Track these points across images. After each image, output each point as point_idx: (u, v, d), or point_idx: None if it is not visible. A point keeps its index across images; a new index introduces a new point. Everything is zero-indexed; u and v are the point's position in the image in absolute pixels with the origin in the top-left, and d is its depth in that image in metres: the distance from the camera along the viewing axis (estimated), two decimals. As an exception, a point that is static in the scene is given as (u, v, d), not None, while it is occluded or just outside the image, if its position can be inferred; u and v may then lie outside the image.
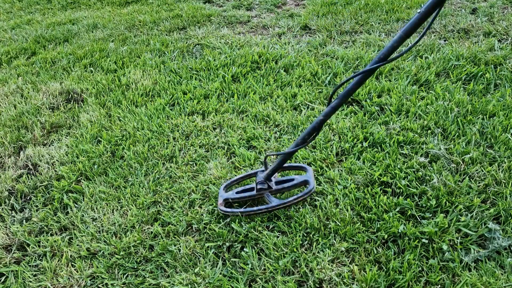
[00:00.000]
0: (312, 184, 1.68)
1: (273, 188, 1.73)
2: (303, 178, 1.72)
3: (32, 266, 1.65)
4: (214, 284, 1.47)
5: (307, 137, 1.53)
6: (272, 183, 1.73)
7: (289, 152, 1.58)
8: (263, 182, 1.70)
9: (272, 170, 1.68)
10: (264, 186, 1.70)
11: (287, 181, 1.75)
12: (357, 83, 1.39)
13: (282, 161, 1.65)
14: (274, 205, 1.67)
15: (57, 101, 2.76)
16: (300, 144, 1.55)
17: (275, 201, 1.68)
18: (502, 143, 1.91)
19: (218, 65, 2.96)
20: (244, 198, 1.74)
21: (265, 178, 1.70)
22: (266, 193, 1.72)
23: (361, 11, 3.63)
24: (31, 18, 4.85)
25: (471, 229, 1.54)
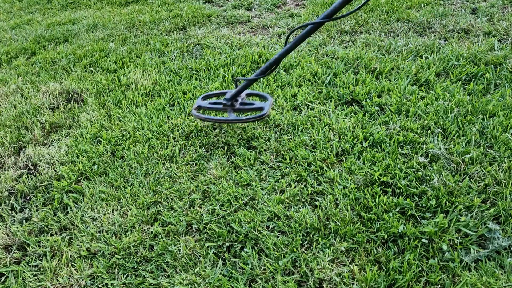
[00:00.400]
0: (264, 110, 2.00)
1: (235, 106, 2.08)
2: (261, 105, 2.05)
3: (32, 266, 1.65)
4: (214, 284, 1.47)
5: (265, 70, 1.87)
6: (238, 102, 2.08)
7: (251, 79, 1.94)
8: (228, 100, 2.06)
9: (237, 91, 2.03)
10: (227, 103, 2.06)
11: (249, 104, 2.10)
12: (307, 33, 1.69)
13: (245, 86, 1.99)
14: (230, 118, 2.05)
15: (57, 101, 2.76)
16: (259, 75, 1.90)
17: (233, 116, 2.05)
18: (502, 143, 1.91)
19: (218, 65, 2.96)
20: (213, 108, 2.14)
21: (230, 97, 2.05)
22: (229, 109, 2.07)
23: (361, 11, 3.63)
24: (31, 18, 4.85)
25: (471, 229, 1.54)
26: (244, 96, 2.14)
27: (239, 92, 2.04)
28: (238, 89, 2.02)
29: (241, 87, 2.01)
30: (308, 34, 1.69)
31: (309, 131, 2.15)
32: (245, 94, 2.16)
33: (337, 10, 1.53)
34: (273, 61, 1.83)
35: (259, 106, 2.05)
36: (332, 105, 2.34)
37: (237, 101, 2.09)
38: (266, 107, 2.02)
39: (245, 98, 2.15)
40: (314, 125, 2.19)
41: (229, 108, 2.08)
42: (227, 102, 2.07)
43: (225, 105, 2.08)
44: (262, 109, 2.03)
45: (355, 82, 2.53)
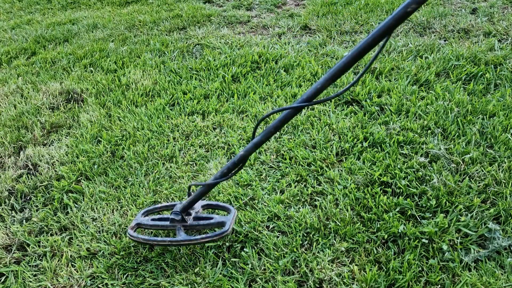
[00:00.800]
0: (226, 227, 1.53)
1: (188, 222, 1.58)
2: (222, 219, 1.58)
3: (32, 266, 1.65)
4: (214, 284, 1.47)
5: (226, 172, 1.43)
6: (190, 217, 1.60)
7: (209, 184, 1.47)
8: (178, 213, 1.56)
9: (189, 202, 1.55)
10: (177, 218, 1.57)
11: (206, 219, 1.61)
12: (282, 120, 1.29)
13: (200, 193, 1.51)
14: (179, 239, 1.54)
15: (57, 101, 2.76)
16: (219, 178, 1.45)
17: (183, 236, 1.55)
18: (502, 143, 1.91)
19: (218, 65, 2.96)
20: (157, 226, 1.63)
21: (180, 210, 1.56)
22: (179, 226, 1.58)
23: (361, 11, 3.64)
24: (31, 18, 4.85)
25: (471, 229, 1.54)
26: (200, 209, 1.67)
27: (192, 203, 1.56)
28: (190, 198, 1.54)
29: (195, 196, 1.53)
30: (284, 121, 1.29)
31: (309, 131, 2.15)
32: (200, 206, 1.68)
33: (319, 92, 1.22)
34: (237, 160, 1.40)
35: (219, 220, 1.58)
36: (332, 105, 2.34)
37: (189, 215, 1.60)
38: (228, 221, 1.56)
39: (201, 211, 1.67)
40: (314, 125, 2.19)
41: (178, 225, 1.59)
42: (176, 217, 1.57)
43: (173, 220, 1.58)
44: (223, 224, 1.56)
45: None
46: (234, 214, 1.61)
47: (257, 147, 1.37)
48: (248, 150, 1.38)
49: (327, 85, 1.19)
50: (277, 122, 1.30)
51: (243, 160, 1.40)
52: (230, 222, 1.56)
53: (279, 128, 1.32)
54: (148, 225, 1.64)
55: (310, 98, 1.23)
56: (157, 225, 1.62)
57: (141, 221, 1.65)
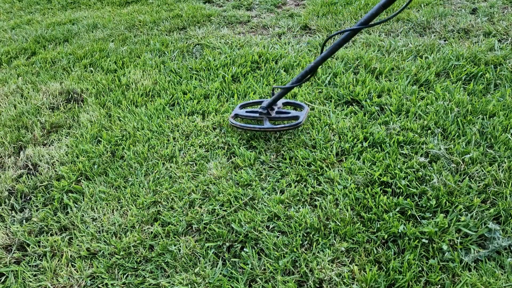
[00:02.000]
0: (300, 119, 2.03)
1: (271, 115, 2.11)
2: (297, 114, 2.08)
3: (32, 266, 1.65)
4: (214, 284, 1.47)
5: (301, 78, 1.89)
6: (274, 111, 2.11)
7: (287, 87, 1.96)
8: (264, 108, 2.09)
9: (272, 100, 2.07)
10: (264, 111, 2.10)
11: (284, 113, 2.12)
12: (343, 40, 1.68)
13: (280, 94, 2.04)
14: (265, 127, 2.06)
15: (57, 101, 2.76)
16: (295, 83, 1.91)
17: (268, 125, 2.07)
18: (502, 143, 1.91)
19: (218, 65, 2.96)
20: (249, 116, 2.17)
21: (266, 106, 2.09)
22: (265, 118, 2.10)
23: (361, 11, 3.64)
24: (31, 18, 4.85)
25: (471, 229, 1.54)
26: (281, 105, 2.18)
27: (275, 101, 2.08)
28: (273, 97, 2.07)
29: (277, 96, 2.05)
30: (344, 41, 1.68)
31: (309, 131, 2.15)
32: (281, 103, 2.20)
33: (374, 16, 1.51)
34: (308, 69, 1.83)
35: (295, 115, 2.09)
36: (332, 105, 2.34)
37: (273, 110, 2.12)
38: (301, 115, 2.05)
39: (282, 107, 2.19)
40: (314, 125, 2.19)
41: (265, 116, 2.11)
42: (263, 111, 2.10)
43: (261, 113, 2.12)
44: (297, 117, 2.06)
45: (355, 82, 2.53)
46: (307, 110, 2.13)
47: (324, 59, 1.78)
48: (317, 62, 1.80)
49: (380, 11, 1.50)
50: (339, 41, 1.69)
51: (312, 70, 1.84)
52: (303, 115, 2.06)
53: (341, 46, 1.71)
54: (243, 115, 2.20)
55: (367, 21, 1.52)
56: (249, 115, 2.18)
57: (238, 112, 2.21)
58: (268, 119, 2.10)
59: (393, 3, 1.57)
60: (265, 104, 2.09)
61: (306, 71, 1.84)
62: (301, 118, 2.03)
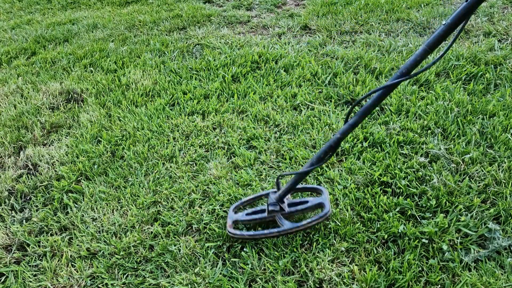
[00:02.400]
0: (327, 208, 1.57)
1: (286, 210, 1.61)
2: (318, 201, 1.62)
3: (32, 266, 1.65)
4: (214, 284, 1.47)
5: (323, 156, 1.43)
6: (285, 205, 1.62)
7: (304, 172, 1.48)
8: (275, 204, 1.59)
9: (285, 191, 1.58)
10: (276, 208, 1.59)
11: (301, 203, 1.64)
12: (377, 99, 1.30)
13: (296, 181, 1.54)
14: (286, 228, 1.56)
15: (57, 101, 2.76)
16: (315, 163, 1.45)
17: (288, 224, 1.58)
18: (502, 143, 1.91)
19: (218, 65, 2.96)
20: (255, 220, 1.64)
21: (277, 200, 1.60)
22: (278, 216, 1.61)
23: (361, 11, 3.64)
24: (31, 18, 4.85)
25: (471, 229, 1.54)
26: (288, 196, 1.68)
27: (287, 192, 1.59)
28: (286, 187, 1.58)
29: (290, 185, 1.56)
30: (378, 101, 1.31)
31: (309, 131, 2.15)
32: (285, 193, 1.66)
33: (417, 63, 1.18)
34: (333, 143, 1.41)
35: (316, 202, 1.62)
36: (332, 105, 2.34)
37: (283, 203, 1.62)
38: (325, 201, 1.61)
39: (289, 197, 1.71)
40: (314, 125, 2.19)
41: (278, 214, 1.62)
42: (275, 208, 1.60)
43: (271, 211, 1.61)
44: (321, 205, 1.61)
45: (355, 82, 2.53)
46: (327, 194, 1.65)
47: (352, 128, 1.38)
48: (344, 132, 1.38)
49: (426, 56, 1.17)
50: (372, 102, 1.32)
51: (338, 143, 1.40)
52: (328, 201, 1.60)
53: (374, 107, 1.33)
54: (246, 220, 1.64)
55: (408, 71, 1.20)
56: (255, 218, 1.64)
57: (236, 218, 1.65)
58: (282, 217, 1.62)
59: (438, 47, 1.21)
60: (273, 199, 1.60)
61: (330, 146, 1.41)
62: (327, 206, 1.59)
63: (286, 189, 1.57)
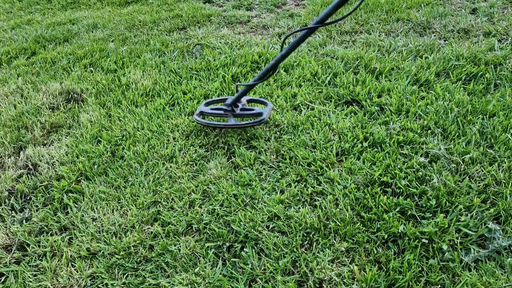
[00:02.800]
0: (263, 116, 2.07)
1: (236, 112, 2.14)
2: (260, 110, 2.11)
3: (32, 266, 1.65)
4: (214, 284, 1.47)
5: (262, 76, 1.95)
6: (238, 108, 2.15)
7: (250, 84, 2.03)
8: (229, 105, 2.13)
9: (237, 97, 2.11)
10: (228, 108, 2.13)
11: (248, 110, 2.15)
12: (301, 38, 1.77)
13: (244, 91, 2.08)
14: (230, 124, 2.11)
15: (57, 101, 2.76)
16: (257, 80, 1.98)
17: (233, 122, 2.11)
18: (502, 143, 1.91)
19: (218, 65, 2.96)
20: (214, 114, 2.20)
21: (231, 103, 2.12)
22: (230, 115, 2.14)
23: (361, 11, 3.64)
24: (31, 18, 4.85)
25: (471, 229, 1.54)
26: (245, 103, 2.21)
27: (239, 98, 2.12)
28: (237, 94, 2.10)
29: (241, 93, 2.09)
30: (302, 39, 1.78)
31: (309, 131, 2.15)
32: (245, 100, 2.23)
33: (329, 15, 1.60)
34: (270, 66, 1.91)
35: (259, 111, 2.12)
36: (332, 105, 2.34)
37: (237, 107, 2.16)
38: (265, 112, 2.09)
39: (246, 104, 2.21)
40: (314, 125, 2.19)
41: (229, 113, 2.15)
42: (228, 108, 2.14)
43: (225, 110, 2.15)
44: (261, 114, 2.10)
45: (355, 82, 2.53)
46: (270, 107, 2.16)
47: (284, 57, 1.87)
48: (277, 59, 1.88)
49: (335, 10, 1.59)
50: (297, 39, 1.79)
51: (274, 67, 1.92)
52: (267, 112, 2.11)
53: (299, 44, 1.80)
54: (208, 113, 2.22)
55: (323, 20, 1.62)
56: (214, 113, 2.20)
57: (204, 109, 2.24)
58: (233, 116, 2.15)
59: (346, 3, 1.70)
60: (229, 101, 2.13)
61: (267, 69, 1.92)
62: (264, 115, 2.08)
63: (237, 95, 2.11)
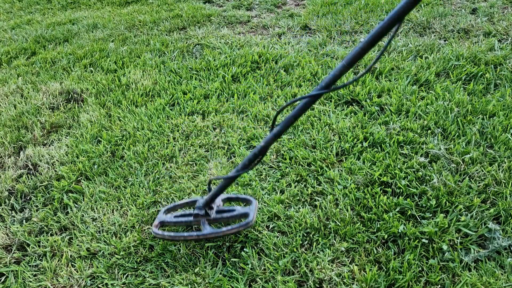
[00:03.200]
0: (250, 217, 1.56)
1: (211, 216, 1.60)
2: (244, 210, 1.61)
3: (32, 266, 1.65)
4: (214, 284, 1.47)
5: (248, 163, 1.43)
6: (213, 211, 1.61)
7: (230, 177, 1.47)
8: (201, 208, 1.59)
9: (212, 196, 1.56)
10: (201, 212, 1.59)
11: (228, 211, 1.63)
12: (301, 109, 1.30)
13: (222, 186, 1.52)
14: (205, 233, 1.56)
15: (57, 101, 2.76)
16: (241, 170, 1.44)
17: (208, 229, 1.57)
18: (502, 143, 1.91)
19: (218, 65, 2.96)
20: (181, 223, 1.65)
21: (203, 205, 1.59)
22: (203, 220, 1.60)
23: (361, 11, 3.64)
24: (31, 18, 4.85)
25: (471, 229, 1.54)
26: (221, 203, 1.69)
27: (214, 197, 1.57)
28: (212, 193, 1.57)
29: (216, 190, 1.54)
30: (303, 109, 1.31)
31: (309, 131, 2.15)
32: (221, 200, 1.70)
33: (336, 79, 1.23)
34: (257, 150, 1.39)
35: (242, 212, 1.61)
36: (332, 105, 2.34)
37: (212, 209, 1.62)
38: (251, 213, 1.59)
39: (221, 204, 1.69)
40: (314, 125, 2.19)
41: (202, 219, 1.61)
42: (200, 212, 1.60)
43: (196, 215, 1.60)
44: (246, 215, 1.59)
45: (355, 82, 2.53)
46: (256, 205, 1.64)
47: (276, 137, 1.38)
48: (268, 141, 1.38)
49: (345, 72, 1.20)
50: (296, 111, 1.31)
51: (263, 151, 1.39)
52: (253, 212, 1.59)
53: (298, 117, 1.33)
54: (172, 222, 1.66)
55: (328, 85, 1.23)
56: (181, 221, 1.64)
57: (164, 219, 1.67)
58: (207, 222, 1.61)
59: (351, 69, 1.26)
60: (201, 203, 1.59)
61: (254, 153, 1.40)
62: (251, 216, 1.57)
63: (213, 194, 1.56)
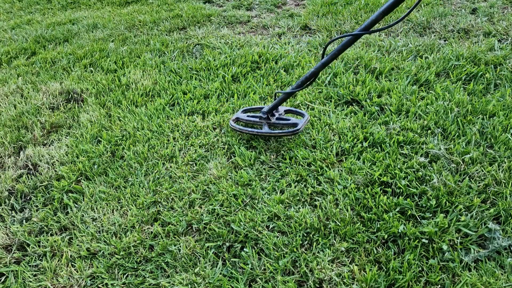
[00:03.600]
0: (299, 126, 2.02)
1: (271, 121, 2.11)
2: (296, 121, 2.06)
3: (32, 266, 1.65)
4: (214, 284, 1.47)
5: (301, 84, 1.88)
6: (274, 117, 2.12)
7: (288, 92, 1.96)
8: (264, 113, 2.10)
9: (273, 105, 2.07)
10: (264, 116, 2.11)
11: (284, 119, 2.11)
12: (344, 45, 1.65)
13: (282, 99, 2.01)
14: (263, 131, 2.08)
15: (57, 101, 2.76)
16: (295, 88, 1.91)
17: (266, 129, 2.09)
18: (502, 143, 1.91)
19: (218, 65, 2.96)
20: (250, 121, 2.17)
21: (267, 111, 2.09)
22: (264, 122, 2.12)
23: (361, 11, 3.63)
24: (31, 18, 4.85)
25: (471, 229, 1.54)
26: (283, 112, 2.17)
27: (275, 106, 2.07)
28: (274, 103, 2.05)
29: (278, 101, 2.04)
30: (345, 46, 1.66)
31: (309, 131, 2.15)
32: (283, 110, 2.19)
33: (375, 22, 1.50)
34: (309, 74, 1.82)
35: (294, 122, 2.07)
36: (332, 105, 2.34)
37: (273, 116, 2.12)
38: (300, 123, 2.04)
39: (283, 114, 2.17)
40: (314, 125, 2.19)
41: (264, 121, 2.12)
42: (263, 115, 2.11)
43: (261, 118, 2.13)
44: (296, 125, 2.04)
45: (355, 82, 2.53)
46: (307, 118, 2.10)
47: (324, 65, 1.76)
48: (318, 67, 1.78)
49: (381, 18, 1.49)
50: (340, 47, 1.66)
51: (314, 75, 1.83)
52: (303, 123, 2.05)
53: (341, 51, 1.69)
54: (244, 119, 2.20)
55: (368, 27, 1.51)
56: (250, 120, 2.18)
57: (240, 116, 2.22)
58: (267, 125, 2.11)
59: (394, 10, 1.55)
60: (265, 109, 2.09)
61: (307, 77, 1.83)
62: (299, 126, 2.02)
63: (274, 104, 2.06)
